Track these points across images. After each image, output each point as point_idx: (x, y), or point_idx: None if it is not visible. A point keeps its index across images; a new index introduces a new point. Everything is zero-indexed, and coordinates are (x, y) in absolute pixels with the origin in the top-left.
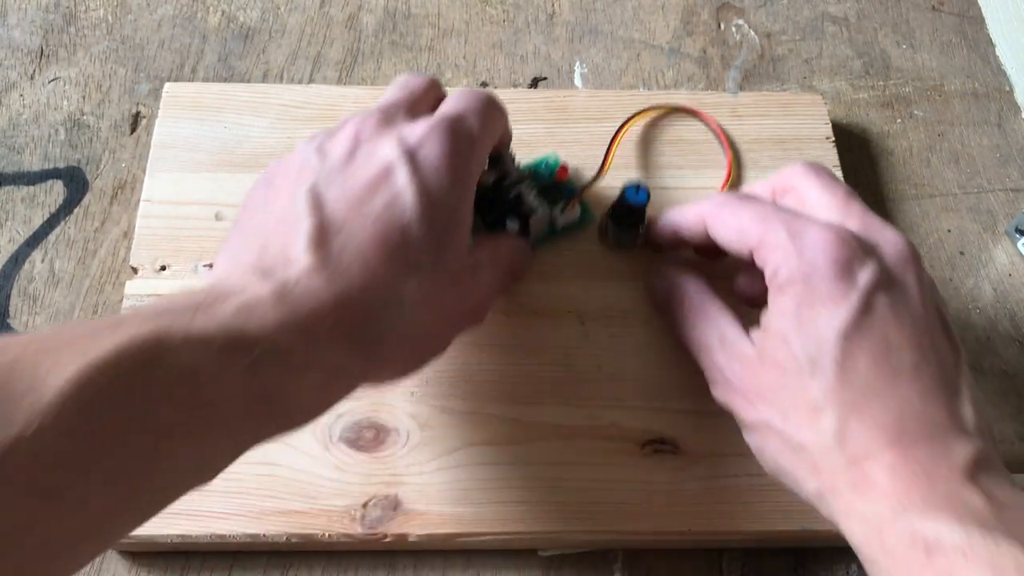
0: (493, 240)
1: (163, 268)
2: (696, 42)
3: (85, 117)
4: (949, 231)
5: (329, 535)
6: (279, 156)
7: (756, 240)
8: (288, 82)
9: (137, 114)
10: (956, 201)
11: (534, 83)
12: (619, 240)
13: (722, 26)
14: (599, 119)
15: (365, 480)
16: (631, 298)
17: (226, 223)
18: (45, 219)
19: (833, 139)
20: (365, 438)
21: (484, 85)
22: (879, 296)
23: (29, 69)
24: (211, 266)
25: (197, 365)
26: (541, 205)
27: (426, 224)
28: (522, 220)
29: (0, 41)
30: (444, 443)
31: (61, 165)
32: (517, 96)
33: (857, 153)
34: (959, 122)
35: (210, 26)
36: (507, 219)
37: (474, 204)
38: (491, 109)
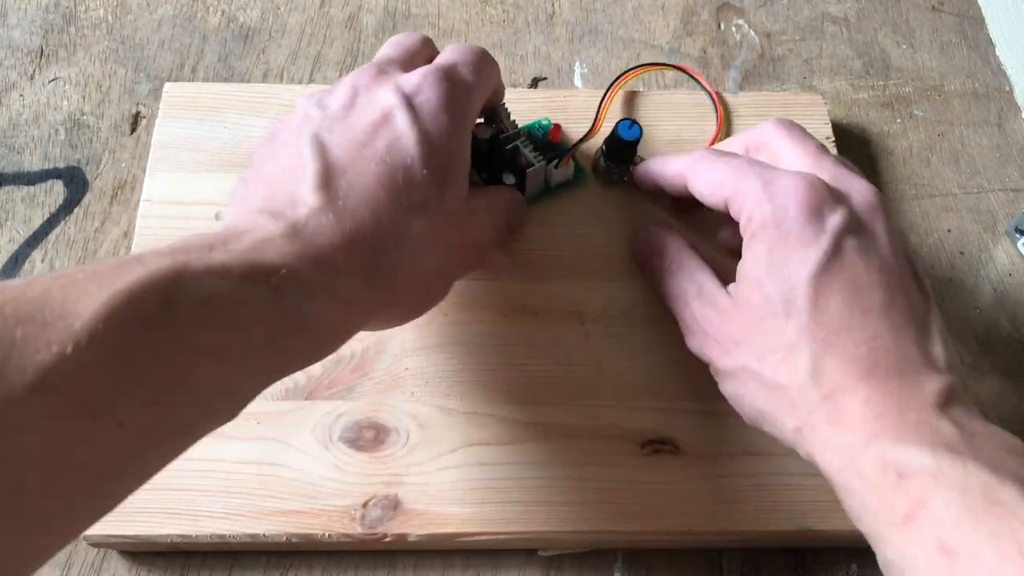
0: (490, 190)
1: None
2: (696, 42)
3: (85, 117)
4: (949, 231)
5: (329, 535)
6: None
7: (731, 191)
8: (288, 82)
9: (137, 114)
10: (956, 201)
11: (534, 83)
12: (610, 174)
13: (722, 26)
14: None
15: (365, 480)
16: (631, 298)
17: None
18: (45, 219)
19: (833, 139)
20: (365, 438)
21: None
22: (848, 239)
23: (29, 69)
24: (218, 217)
25: (219, 292)
26: (537, 160)
27: (427, 165)
28: (518, 174)
29: (0, 41)
30: (444, 443)
31: (61, 165)
32: (517, 96)
33: (857, 153)
34: (959, 122)
35: (210, 26)
36: (503, 173)
37: (471, 158)
38: (484, 61)
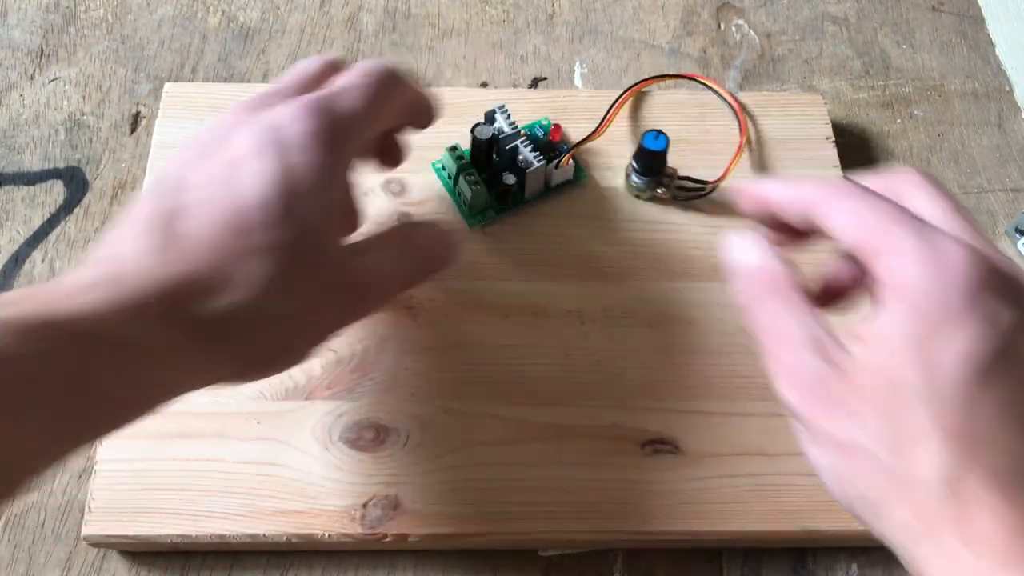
0: (406, 226)
1: None
2: (696, 42)
3: (85, 117)
4: None
5: (329, 535)
6: None
7: (882, 240)
8: None
9: (137, 114)
10: None
11: (534, 83)
12: (640, 187)
13: (722, 26)
14: (599, 119)
15: (365, 480)
16: (631, 298)
17: None
18: (45, 219)
19: (833, 139)
20: (365, 438)
21: (484, 85)
22: (1019, 337)
23: (29, 69)
24: None
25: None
26: (537, 160)
27: (278, 204)
28: (518, 174)
29: (0, 41)
30: (444, 443)
31: (61, 165)
32: (517, 96)
33: (857, 153)
34: (959, 122)
35: (210, 26)
36: (503, 173)
37: (472, 159)
38: (382, 83)
